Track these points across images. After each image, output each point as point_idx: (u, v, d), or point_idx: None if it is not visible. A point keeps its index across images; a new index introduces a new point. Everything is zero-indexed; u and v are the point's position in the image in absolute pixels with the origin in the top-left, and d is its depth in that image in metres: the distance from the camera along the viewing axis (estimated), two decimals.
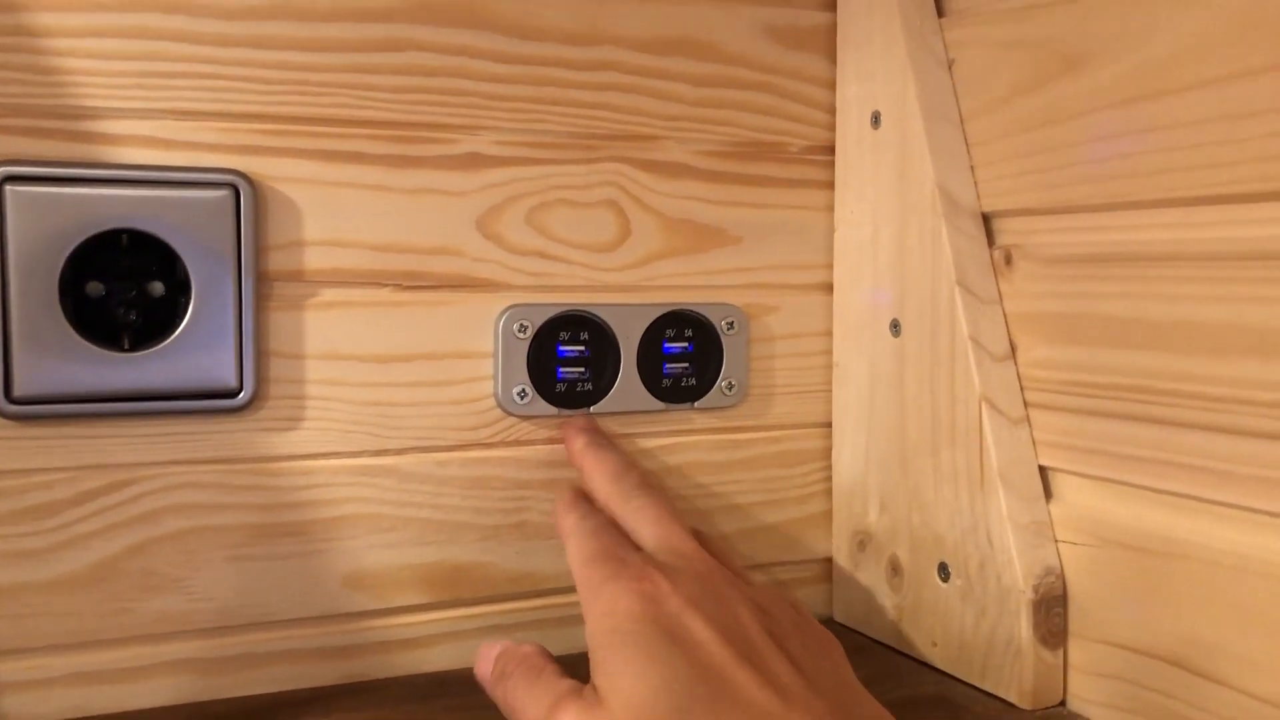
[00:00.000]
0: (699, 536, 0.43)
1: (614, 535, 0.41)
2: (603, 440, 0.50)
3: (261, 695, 0.48)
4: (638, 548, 0.41)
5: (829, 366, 0.58)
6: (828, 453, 0.58)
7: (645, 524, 0.42)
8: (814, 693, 0.34)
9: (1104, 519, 0.45)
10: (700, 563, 0.40)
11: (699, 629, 0.35)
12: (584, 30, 0.51)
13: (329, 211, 0.47)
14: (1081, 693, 0.46)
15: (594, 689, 0.35)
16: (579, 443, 0.49)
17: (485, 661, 0.41)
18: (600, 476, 0.46)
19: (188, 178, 0.44)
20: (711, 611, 0.36)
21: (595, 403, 0.52)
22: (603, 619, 0.36)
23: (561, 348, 0.52)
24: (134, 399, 0.44)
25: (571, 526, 0.43)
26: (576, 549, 0.41)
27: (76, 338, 0.43)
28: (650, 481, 0.45)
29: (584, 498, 0.46)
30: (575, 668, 0.37)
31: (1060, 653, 0.47)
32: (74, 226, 0.43)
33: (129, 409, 0.44)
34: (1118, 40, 0.43)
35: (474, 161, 0.50)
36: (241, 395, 0.46)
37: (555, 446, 0.52)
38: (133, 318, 0.45)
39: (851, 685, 0.37)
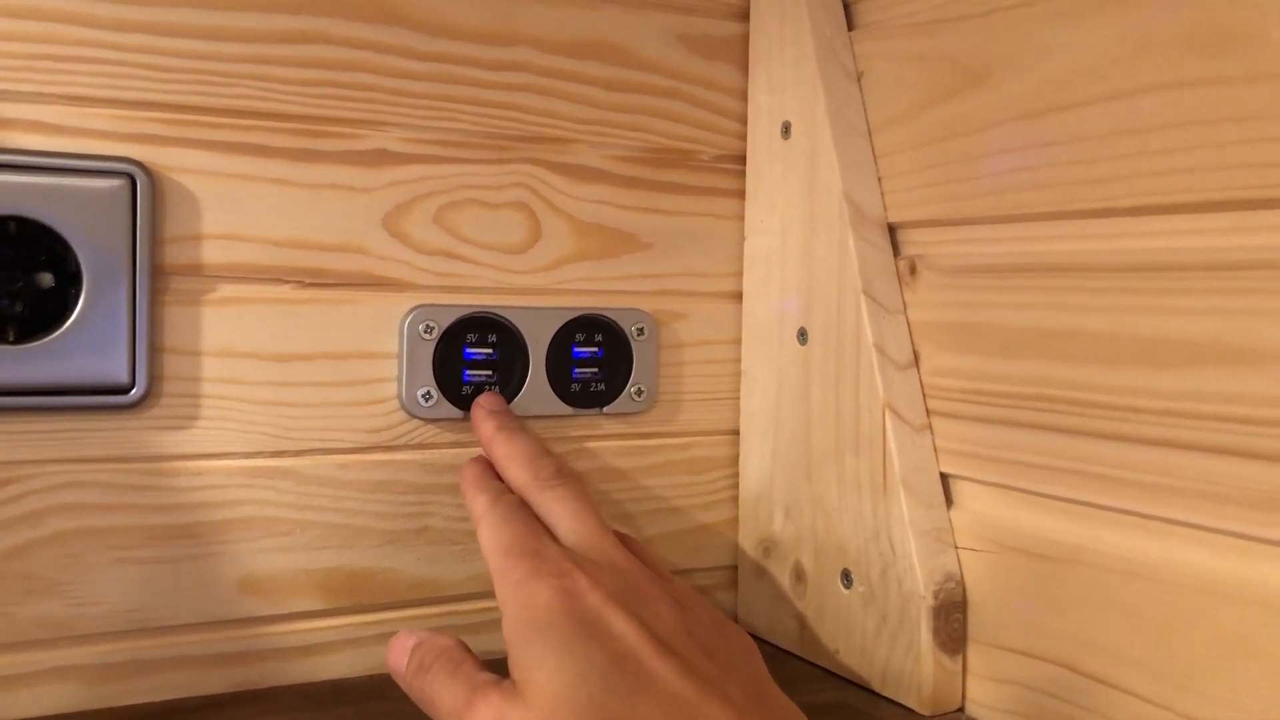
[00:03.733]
0: (618, 535, 0.43)
1: (528, 522, 0.41)
2: (513, 423, 0.48)
3: (151, 704, 0.46)
4: (554, 538, 0.40)
5: (737, 374, 0.58)
6: (735, 460, 0.58)
7: (563, 517, 0.41)
8: (731, 683, 0.35)
9: (1002, 525, 0.46)
10: (620, 558, 0.39)
11: (617, 622, 0.35)
12: (496, 30, 0.51)
13: (229, 205, 0.46)
14: (980, 698, 0.47)
15: (512, 683, 0.34)
16: (488, 427, 0.47)
17: (400, 652, 0.39)
18: (514, 464, 0.45)
19: (82, 165, 0.43)
20: (631, 605, 0.36)
21: None
22: (521, 613, 0.36)
23: (469, 350, 0.51)
24: (18, 393, 0.43)
25: (482, 510, 0.42)
26: (490, 536, 0.40)
27: None
28: (566, 468, 0.44)
29: (491, 474, 0.45)
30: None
31: (959, 659, 0.47)
32: None
33: (13, 404, 0.43)
34: (1019, 56, 0.44)
35: (381, 158, 0.49)
36: (133, 392, 0.44)
37: (460, 450, 0.51)
38: (19, 309, 0.43)
39: (767, 683, 0.38)
